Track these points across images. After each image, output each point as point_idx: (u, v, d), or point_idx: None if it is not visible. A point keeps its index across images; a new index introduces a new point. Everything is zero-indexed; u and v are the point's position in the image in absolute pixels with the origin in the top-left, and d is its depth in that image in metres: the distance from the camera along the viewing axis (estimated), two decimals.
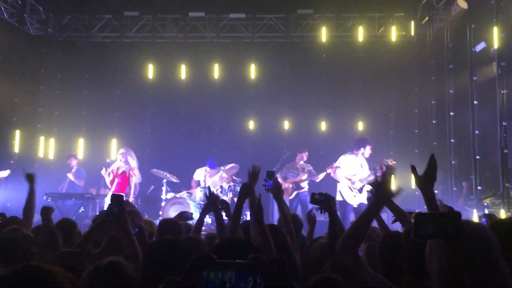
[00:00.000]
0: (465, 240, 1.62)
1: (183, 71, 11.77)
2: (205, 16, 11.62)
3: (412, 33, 11.22)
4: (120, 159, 8.58)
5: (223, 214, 4.03)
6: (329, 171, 8.68)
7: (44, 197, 9.19)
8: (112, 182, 8.51)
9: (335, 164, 8.53)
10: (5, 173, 8.57)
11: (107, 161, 9.21)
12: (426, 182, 2.22)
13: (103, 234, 3.21)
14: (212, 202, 3.90)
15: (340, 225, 3.47)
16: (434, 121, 10.37)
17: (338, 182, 8.42)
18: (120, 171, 8.49)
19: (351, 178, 8.31)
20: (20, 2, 10.78)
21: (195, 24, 11.84)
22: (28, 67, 11.35)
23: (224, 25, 11.81)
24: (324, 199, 3.52)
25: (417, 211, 2.52)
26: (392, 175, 2.57)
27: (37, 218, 4.24)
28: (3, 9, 10.57)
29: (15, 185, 8.36)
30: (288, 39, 11.78)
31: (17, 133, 10.74)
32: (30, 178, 4.32)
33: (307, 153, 9.61)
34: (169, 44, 11.97)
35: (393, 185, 2.66)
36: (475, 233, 1.76)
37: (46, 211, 3.65)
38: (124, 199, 2.92)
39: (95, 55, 12.03)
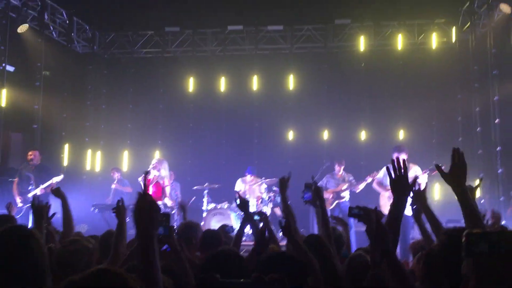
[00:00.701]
0: None
1: (222, 84, 11.97)
2: (244, 29, 11.81)
3: (454, 40, 11.01)
4: (153, 169, 8.61)
5: (261, 225, 4.07)
6: (369, 180, 8.59)
7: (92, 208, 9.52)
8: (148, 190, 8.55)
9: (377, 176, 8.44)
10: (59, 178, 8.94)
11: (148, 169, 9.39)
12: (453, 180, 2.15)
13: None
14: (241, 206, 3.96)
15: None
16: (478, 129, 10.09)
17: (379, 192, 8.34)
18: (155, 181, 8.56)
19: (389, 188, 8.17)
20: (67, 22, 11.31)
21: (234, 37, 12.05)
22: (75, 84, 11.89)
23: (262, 37, 11.96)
24: (363, 214, 3.39)
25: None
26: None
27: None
28: (52, 28, 11.12)
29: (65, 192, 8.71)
30: (326, 49, 11.79)
31: (66, 146, 11.22)
32: (58, 194, 4.35)
33: (344, 163, 9.51)
34: (209, 57, 12.24)
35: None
36: None
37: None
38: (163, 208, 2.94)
39: (138, 70, 12.43)
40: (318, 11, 11.19)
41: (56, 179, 8.88)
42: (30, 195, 8.47)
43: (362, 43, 11.32)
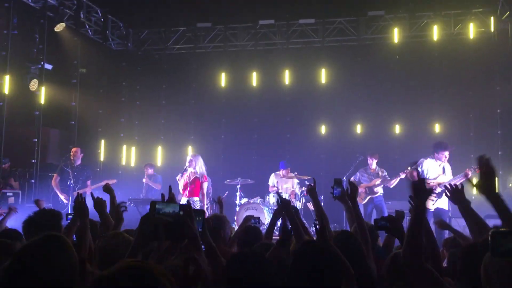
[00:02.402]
0: None
1: (254, 78, 11.98)
2: (275, 23, 11.76)
3: (492, 29, 10.65)
4: (189, 166, 8.62)
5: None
6: (402, 176, 8.45)
7: (127, 203, 9.70)
8: (184, 188, 8.62)
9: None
10: (112, 181, 9.07)
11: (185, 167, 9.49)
12: (484, 189, 2.11)
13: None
14: (284, 207, 3.83)
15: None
16: None
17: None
18: (192, 177, 8.60)
19: (430, 182, 8.04)
20: (102, 20, 11.54)
21: (265, 32, 12.02)
22: (110, 80, 12.15)
23: (294, 31, 11.88)
24: (390, 224, 3.18)
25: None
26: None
27: None
28: (87, 27, 11.37)
29: (100, 193, 8.90)
30: (359, 42, 11.61)
31: (102, 142, 11.48)
32: (108, 190, 4.50)
33: (377, 157, 9.39)
34: (240, 52, 12.25)
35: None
36: None
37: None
38: (199, 204, 2.90)
39: (171, 66, 12.58)
40: (350, 3, 11.03)
41: (112, 181, 9.03)
42: (80, 191, 8.63)
43: (396, 35, 11.09)
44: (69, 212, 6.40)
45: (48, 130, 10.96)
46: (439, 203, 7.85)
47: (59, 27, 9.99)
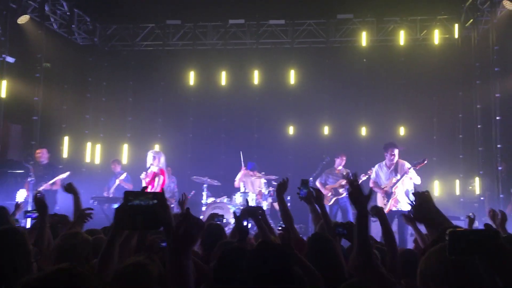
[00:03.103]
0: (505, 257, 1.58)
1: (223, 78, 11.94)
2: (245, 23, 11.76)
3: (456, 36, 10.96)
4: (153, 164, 8.43)
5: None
6: (363, 178, 8.58)
7: (91, 201, 9.52)
8: (147, 185, 8.40)
9: (371, 176, 8.47)
10: (65, 174, 8.97)
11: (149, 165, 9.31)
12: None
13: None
14: (251, 213, 3.85)
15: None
16: (479, 126, 10.06)
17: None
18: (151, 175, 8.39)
19: (384, 185, 8.20)
20: (68, 13, 11.26)
21: (235, 31, 12.00)
22: (76, 76, 11.85)
23: (264, 31, 11.92)
24: (348, 232, 3.24)
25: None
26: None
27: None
28: (52, 20, 11.08)
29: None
30: (327, 44, 11.75)
31: (66, 139, 11.20)
32: (70, 190, 4.43)
33: (344, 158, 9.51)
34: (209, 51, 12.20)
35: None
36: None
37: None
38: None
39: (139, 63, 12.39)
40: (320, 6, 11.14)
41: (62, 176, 8.91)
42: (40, 189, 8.47)
43: (364, 39, 11.28)
44: (29, 209, 6.20)
45: (9, 125, 10.62)
46: (395, 205, 7.99)
47: (23, 19, 9.70)
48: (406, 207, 7.61)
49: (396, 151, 8.19)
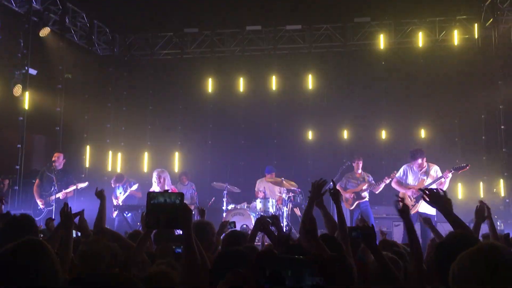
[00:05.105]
0: None
1: (241, 84, 11.98)
2: (262, 29, 11.79)
3: (476, 36, 10.79)
4: (158, 183, 8.44)
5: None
6: (387, 181, 8.52)
7: (113, 209, 9.60)
8: None
9: (397, 174, 8.41)
10: (84, 184, 9.05)
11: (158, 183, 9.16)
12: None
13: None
14: (263, 226, 4.01)
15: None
16: (503, 127, 9.88)
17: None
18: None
19: (410, 187, 8.13)
20: (88, 25, 11.46)
21: (252, 37, 12.04)
22: (97, 86, 12.03)
23: (281, 37, 11.92)
24: (362, 236, 3.07)
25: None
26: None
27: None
28: (73, 32, 11.28)
29: (87, 197, 8.82)
30: (345, 48, 11.68)
31: (88, 148, 11.36)
32: (101, 196, 4.52)
33: (361, 161, 9.39)
34: (227, 58, 12.26)
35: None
36: None
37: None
38: None
39: (157, 72, 12.53)
40: (337, 10, 11.09)
41: (82, 185, 8.98)
42: (51, 198, 8.56)
43: (382, 41, 11.20)
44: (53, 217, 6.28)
45: (32, 136, 10.82)
46: (420, 207, 7.90)
47: (44, 32, 9.90)
48: (429, 210, 7.52)
49: (425, 158, 8.19)
